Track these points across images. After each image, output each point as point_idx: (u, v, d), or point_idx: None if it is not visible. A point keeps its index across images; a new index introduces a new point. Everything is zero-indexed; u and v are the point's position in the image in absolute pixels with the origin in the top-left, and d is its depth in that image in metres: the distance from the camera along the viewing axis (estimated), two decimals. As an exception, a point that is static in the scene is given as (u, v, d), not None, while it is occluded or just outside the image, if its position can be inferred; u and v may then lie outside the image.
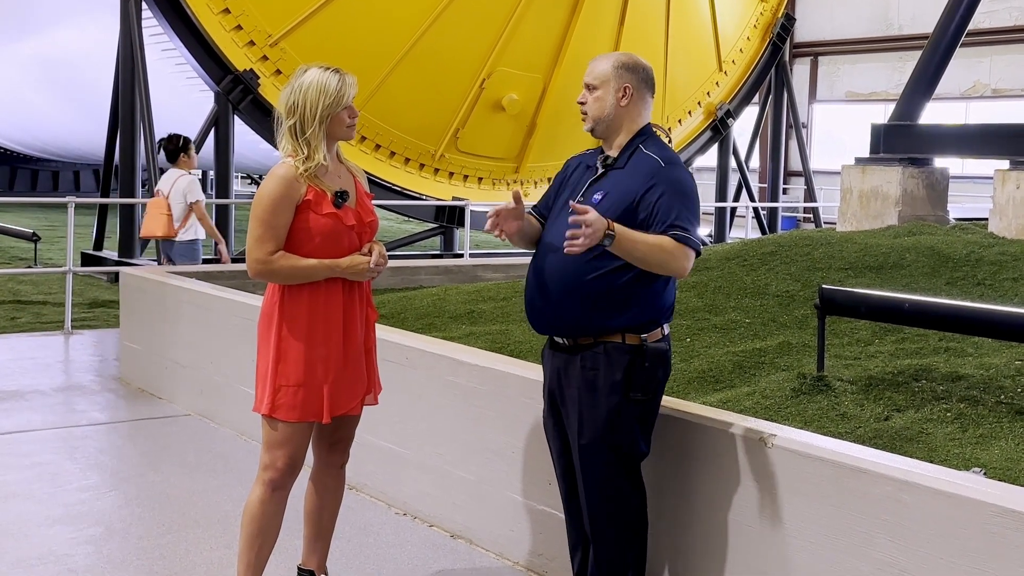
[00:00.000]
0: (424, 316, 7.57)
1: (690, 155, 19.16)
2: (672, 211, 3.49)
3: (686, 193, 3.55)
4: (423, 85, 14.99)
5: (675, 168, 3.59)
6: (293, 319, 3.74)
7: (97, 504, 5.27)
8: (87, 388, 7.70)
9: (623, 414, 3.58)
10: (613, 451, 3.61)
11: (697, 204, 3.60)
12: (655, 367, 3.60)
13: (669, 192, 3.51)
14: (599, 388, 3.58)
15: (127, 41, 13.80)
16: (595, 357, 3.59)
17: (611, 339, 3.57)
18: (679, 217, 3.48)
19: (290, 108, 3.71)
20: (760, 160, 26.22)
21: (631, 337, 3.57)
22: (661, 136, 3.75)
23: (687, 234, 3.47)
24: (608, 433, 3.59)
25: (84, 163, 29.44)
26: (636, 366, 3.56)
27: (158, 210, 9.43)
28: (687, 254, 3.48)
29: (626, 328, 3.56)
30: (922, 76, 10.30)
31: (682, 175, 3.59)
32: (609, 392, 3.57)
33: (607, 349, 3.57)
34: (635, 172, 3.58)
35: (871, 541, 3.29)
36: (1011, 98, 24.93)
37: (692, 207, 3.55)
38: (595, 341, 3.59)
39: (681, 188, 3.54)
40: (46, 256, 15.75)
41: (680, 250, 3.47)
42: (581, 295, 3.56)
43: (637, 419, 3.62)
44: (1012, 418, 4.58)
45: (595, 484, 3.65)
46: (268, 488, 3.78)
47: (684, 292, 7.38)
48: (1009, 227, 8.46)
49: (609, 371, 3.57)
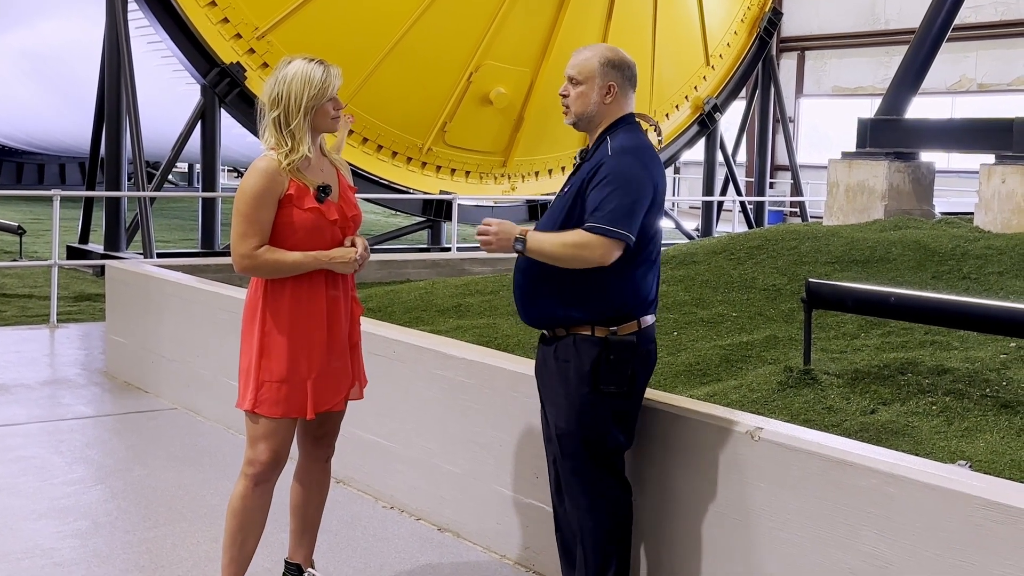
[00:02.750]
0: (411, 310, 7.56)
1: (677, 149, 19.18)
2: (597, 201, 3.47)
3: (619, 182, 3.48)
4: (411, 78, 14.95)
5: (619, 157, 3.53)
6: (276, 314, 3.72)
7: (83, 498, 5.25)
8: (73, 382, 7.67)
9: (594, 406, 3.60)
10: (584, 443, 3.64)
11: (634, 190, 3.48)
12: (623, 360, 3.59)
13: (603, 182, 3.49)
14: (570, 379, 3.62)
15: (113, 33, 13.73)
16: (567, 348, 3.62)
17: (581, 331, 3.60)
18: (601, 206, 3.45)
19: (274, 99, 3.67)
20: (747, 154, 26.25)
21: (600, 329, 3.58)
22: (646, 126, 3.74)
23: (601, 224, 3.43)
24: (578, 425, 3.62)
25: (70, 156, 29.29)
26: (603, 359, 3.57)
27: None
28: (600, 243, 3.43)
29: (596, 320, 3.58)
30: (908, 71, 10.33)
31: (621, 164, 3.51)
32: (579, 383, 3.60)
33: (576, 341, 3.60)
34: (591, 164, 3.59)
35: (857, 533, 3.30)
36: (997, 93, 25.01)
37: (624, 194, 3.46)
38: (568, 333, 3.63)
39: (615, 177, 3.48)
40: (31, 249, 15.68)
41: (593, 240, 3.43)
42: (550, 288, 3.60)
43: (611, 412, 3.62)
44: (997, 411, 4.61)
45: (571, 475, 3.68)
46: (251, 482, 3.77)
47: (671, 286, 7.39)
48: (994, 221, 8.50)
49: (579, 363, 3.59)
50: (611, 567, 3.69)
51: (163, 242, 16.36)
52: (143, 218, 13.30)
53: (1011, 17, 24.61)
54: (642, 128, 3.71)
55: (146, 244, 13.15)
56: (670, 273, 7.71)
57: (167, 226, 20.24)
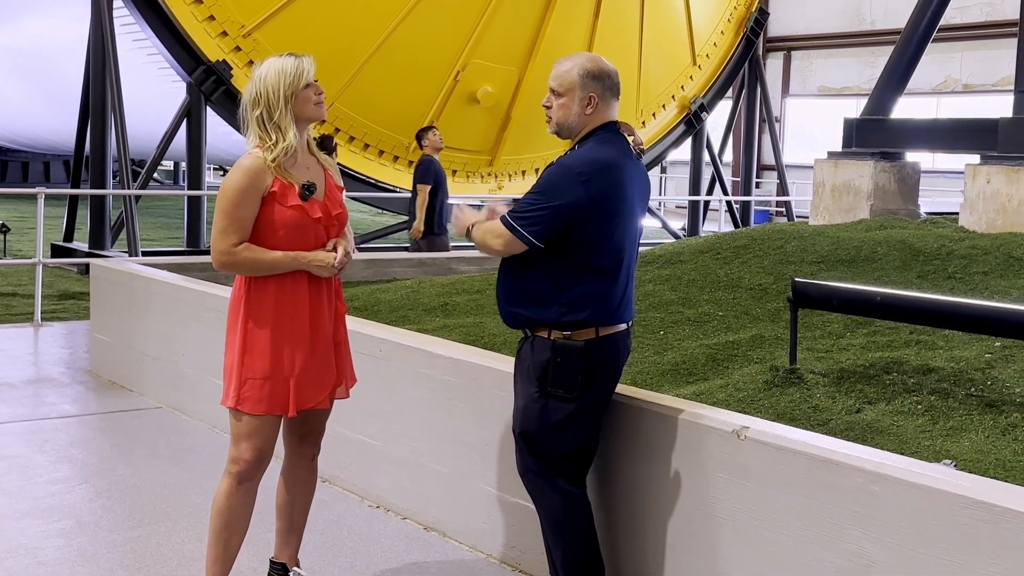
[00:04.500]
0: (398, 309, 7.55)
1: (664, 149, 19.21)
2: (521, 199, 3.65)
3: (543, 186, 3.62)
4: (397, 77, 14.93)
5: (557, 165, 3.66)
6: (259, 312, 3.71)
7: (67, 497, 5.23)
8: (57, 380, 7.63)
9: (539, 408, 3.67)
10: (526, 443, 3.73)
11: (552, 198, 3.57)
12: (571, 365, 3.62)
13: (535, 184, 3.66)
14: (525, 378, 3.72)
15: (98, 31, 13.67)
16: (527, 348, 3.74)
17: (539, 332, 3.69)
18: (519, 204, 3.64)
19: (254, 99, 3.68)
20: (733, 154, 26.32)
21: (555, 333, 3.65)
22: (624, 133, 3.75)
23: (508, 217, 3.60)
24: (523, 424, 3.72)
25: (54, 154, 29.17)
26: (551, 361, 3.64)
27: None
28: (503, 235, 3.61)
29: (552, 324, 3.65)
30: (894, 71, 10.36)
31: (554, 171, 3.64)
32: (528, 383, 3.70)
33: (534, 342, 3.70)
34: None
35: (842, 532, 3.31)
36: (981, 93, 25.12)
37: (539, 197, 3.59)
38: (531, 333, 3.72)
39: (542, 181, 3.65)
40: (15, 247, 15.60)
41: (499, 230, 3.62)
42: (518, 288, 3.71)
43: (561, 415, 3.66)
44: (982, 411, 4.62)
45: (521, 473, 3.81)
46: (235, 481, 3.76)
47: (658, 285, 7.40)
48: (979, 221, 8.53)
49: (532, 363, 3.69)
50: (580, 566, 3.74)
51: (148, 240, 16.30)
52: (128, 216, 13.25)
53: (996, 18, 24.70)
54: (620, 136, 3.72)
55: (131, 242, 13.10)
56: (656, 272, 7.72)
57: (152, 224, 20.17)
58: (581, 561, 3.75)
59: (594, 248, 3.62)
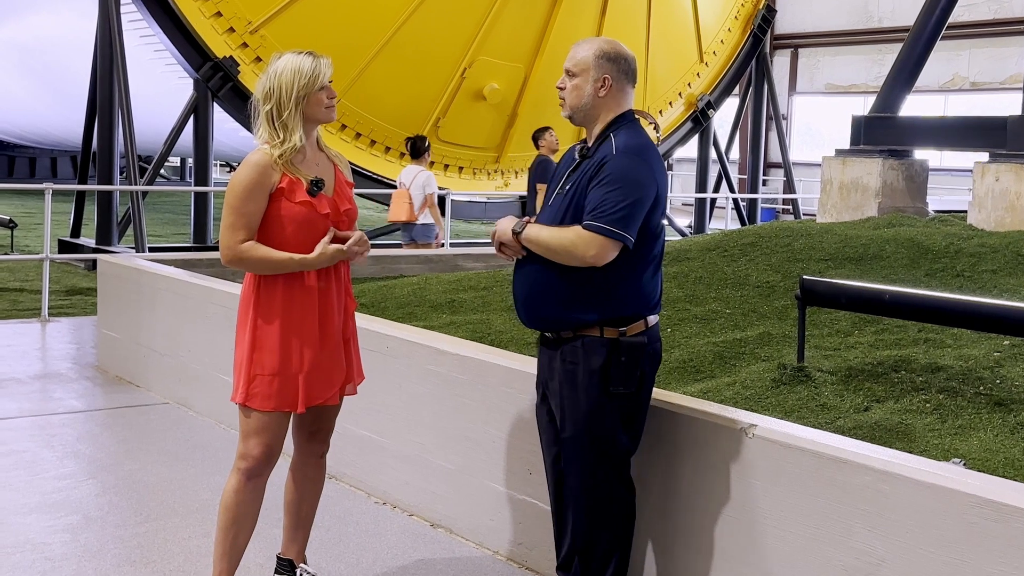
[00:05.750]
0: (404, 305, 7.55)
1: (671, 146, 19.19)
2: (598, 200, 3.45)
3: (622, 182, 3.46)
4: (404, 73, 14.93)
5: (623, 157, 3.51)
6: (268, 308, 3.71)
7: (74, 492, 5.23)
8: (64, 376, 7.64)
9: (603, 408, 3.57)
10: (594, 444, 3.61)
11: (636, 191, 3.46)
12: (633, 361, 3.57)
13: (605, 181, 3.47)
14: (579, 382, 3.58)
15: (105, 27, 13.68)
16: (574, 351, 3.59)
17: (589, 333, 3.56)
18: (601, 206, 3.44)
19: (266, 94, 3.67)
20: (740, 151, 26.26)
21: (609, 331, 3.55)
22: (644, 123, 3.72)
23: (600, 223, 3.42)
24: (588, 427, 3.59)
25: (62, 150, 29.22)
26: (613, 360, 3.54)
27: (401, 199, 11.05)
28: (597, 242, 3.42)
29: (603, 322, 3.55)
30: (902, 69, 10.34)
31: (625, 164, 3.49)
32: (588, 386, 3.57)
33: (585, 343, 3.57)
34: (595, 161, 3.56)
35: (851, 531, 3.30)
36: (989, 91, 25.05)
37: (625, 195, 3.44)
38: (575, 335, 3.59)
39: (617, 177, 3.46)
40: (23, 243, 15.63)
41: (590, 239, 3.43)
42: (556, 290, 3.57)
43: (619, 413, 3.60)
44: (991, 409, 4.61)
45: (578, 476, 3.65)
46: (243, 477, 3.75)
47: (665, 283, 7.39)
48: (988, 219, 8.51)
49: (587, 365, 3.56)
50: (609, 569, 3.68)
51: (155, 236, 16.32)
52: (135, 212, 13.26)
53: (1004, 16, 24.65)
54: (642, 126, 3.70)
55: (138, 238, 13.12)
56: (664, 270, 7.70)
57: (159, 220, 20.20)
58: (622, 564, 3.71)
59: (649, 239, 3.55)
